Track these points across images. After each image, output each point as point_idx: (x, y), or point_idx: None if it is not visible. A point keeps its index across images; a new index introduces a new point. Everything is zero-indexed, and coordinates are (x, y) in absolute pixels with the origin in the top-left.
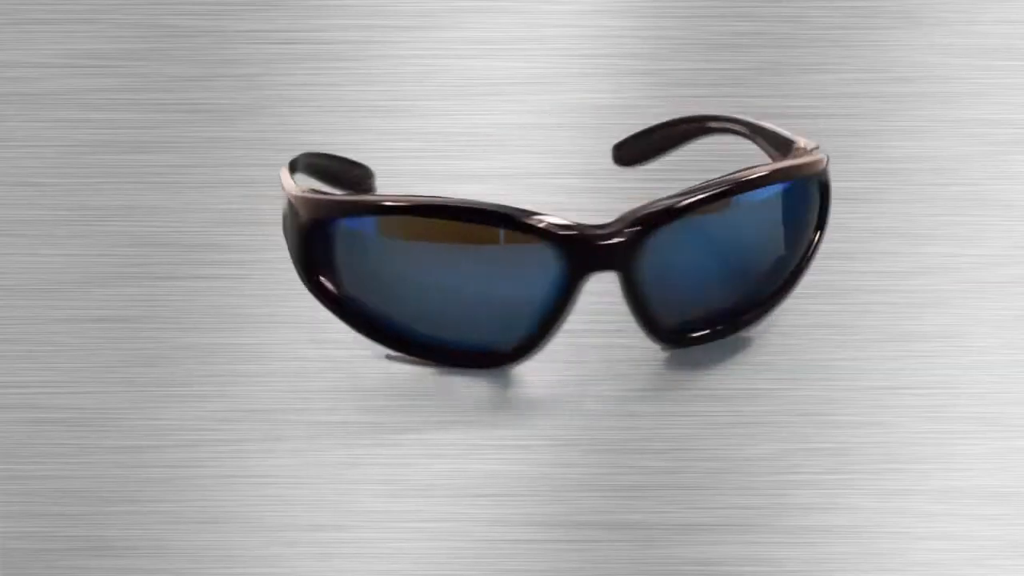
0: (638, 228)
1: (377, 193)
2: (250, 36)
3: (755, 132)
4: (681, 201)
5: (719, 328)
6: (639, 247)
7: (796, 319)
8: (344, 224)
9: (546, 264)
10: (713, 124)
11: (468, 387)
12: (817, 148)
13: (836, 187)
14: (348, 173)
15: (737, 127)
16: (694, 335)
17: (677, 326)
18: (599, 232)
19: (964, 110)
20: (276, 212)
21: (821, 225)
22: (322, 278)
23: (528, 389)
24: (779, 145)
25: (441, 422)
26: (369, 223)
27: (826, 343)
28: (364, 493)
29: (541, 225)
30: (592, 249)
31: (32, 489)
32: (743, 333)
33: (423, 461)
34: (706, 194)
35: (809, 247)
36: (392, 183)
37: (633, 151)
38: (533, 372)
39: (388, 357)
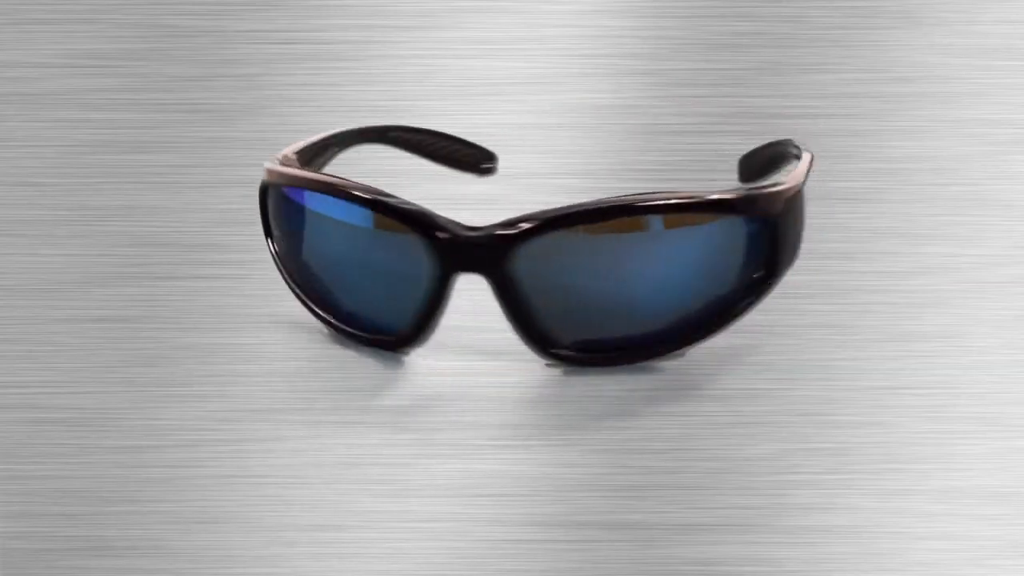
0: (507, 234)
1: (298, 168)
2: (250, 36)
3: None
4: (559, 213)
5: (614, 353)
6: (509, 253)
7: (796, 319)
8: (281, 192)
9: (422, 259)
10: (789, 148)
11: (468, 387)
12: (778, 186)
13: (836, 187)
14: (460, 153)
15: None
16: (581, 355)
17: (561, 343)
18: (469, 234)
19: (964, 110)
20: None
21: (771, 266)
22: (270, 238)
23: (528, 389)
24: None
25: (440, 422)
26: (296, 194)
27: (826, 343)
28: (364, 493)
29: (418, 219)
30: (460, 249)
31: (32, 489)
32: (652, 362)
33: (423, 461)
34: (586, 210)
35: (748, 290)
36: (392, 183)
37: (746, 167)
38: (533, 372)
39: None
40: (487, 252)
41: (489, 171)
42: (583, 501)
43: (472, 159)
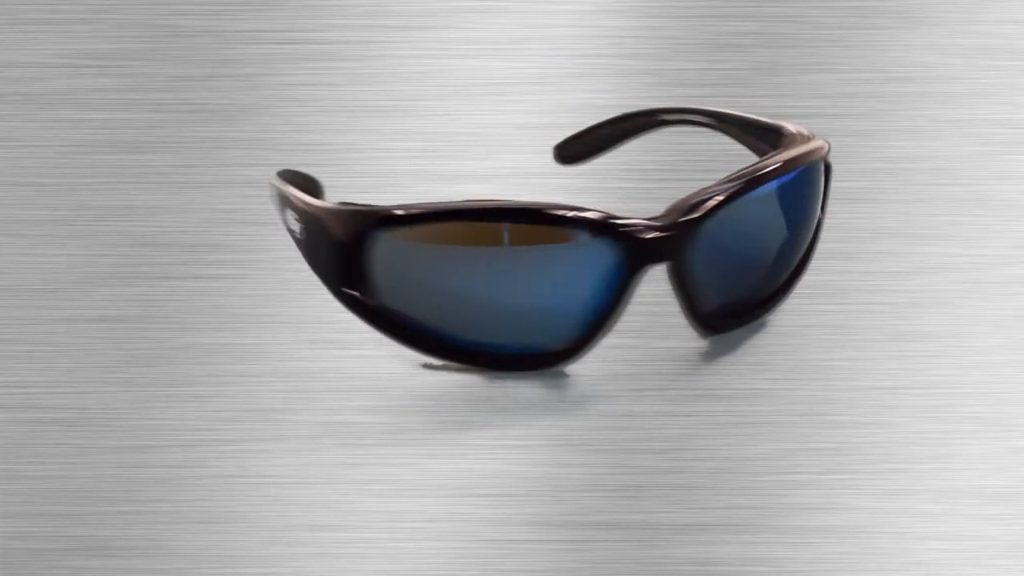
0: (691, 219)
1: (421, 203)
2: (250, 36)
3: (723, 121)
4: (728, 191)
5: (749, 313)
6: (691, 239)
7: (796, 319)
8: (390, 235)
9: (602, 260)
10: (668, 117)
11: (468, 388)
12: (809, 132)
13: (836, 187)
14: (304, 185)
15: (699, 118)
16: (730, 321)
17: (717, 313)
18: (653, 225)
19: (964, 110)
20: (276, 213)
21: (824, 203)
22: (362, 292)
23: (528, 389)
24: (761, 133)
25: (441, 422)
26: (416, 232)
27: (826, 343)
28: (364, 493)
29: (599, 223)
30: (647, 242)
31: (32, 489)
32: (766, 318)
33: (423, 461)
34: (746, 182)
35: (817, 226)
36: (392, 183)
37: (576, 149)
38: (532, 372)
39: (425, 366)
40: (673, 242)
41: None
42: (583, 501)
43: (311, 189)
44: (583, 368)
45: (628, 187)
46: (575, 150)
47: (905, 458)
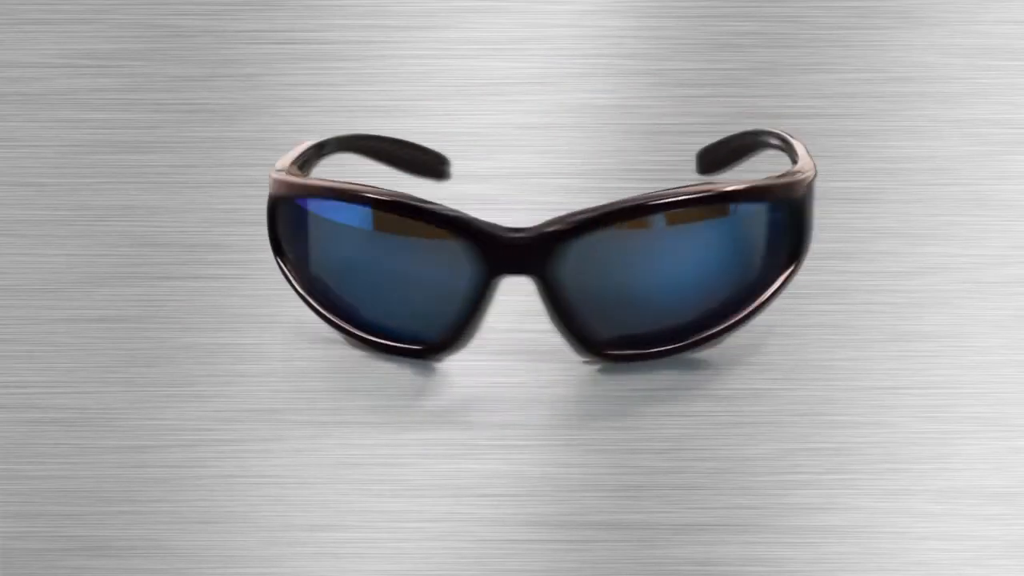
0: (553, 233)
1: (320, 178)
2: (250, 36)
3: (786, 144)
4: (601, 211)
5: (656, 347)
6: (556, 253)
7: (796, 319)
8: (295, 204)
9: (463, 263)
10: (766, 139)
11: (468, 388)
12: (802, 173)
13: (836, 187)
14: (419, 159)
15: (776, 141)
16: (625, 352)
17: (604, 340)
18: (515, 235)
19: (964, 110)
20: None
21: (796, 254)
22: (282, 253)
23: (527, 389)
24: (792, 157)
25: (441, 422)
26: (315, 206)
27: (826, 343)
28: (364, 493)
29: (459, 223)
30: (505, 252)
31: (32, 489)
32: (689, 354)
33: (423, 461)
34: (629, 206)
35: (778, 275)
36: (392, 183)
37: (710, 161)
38: (533, 372)
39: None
40: (534, 253)
41: (445, 175)
42: (583, 501)
43: (429, 164)
44: (583, 368)
45: (628, 187)
46: (710, 161)
47: (905, 458)
